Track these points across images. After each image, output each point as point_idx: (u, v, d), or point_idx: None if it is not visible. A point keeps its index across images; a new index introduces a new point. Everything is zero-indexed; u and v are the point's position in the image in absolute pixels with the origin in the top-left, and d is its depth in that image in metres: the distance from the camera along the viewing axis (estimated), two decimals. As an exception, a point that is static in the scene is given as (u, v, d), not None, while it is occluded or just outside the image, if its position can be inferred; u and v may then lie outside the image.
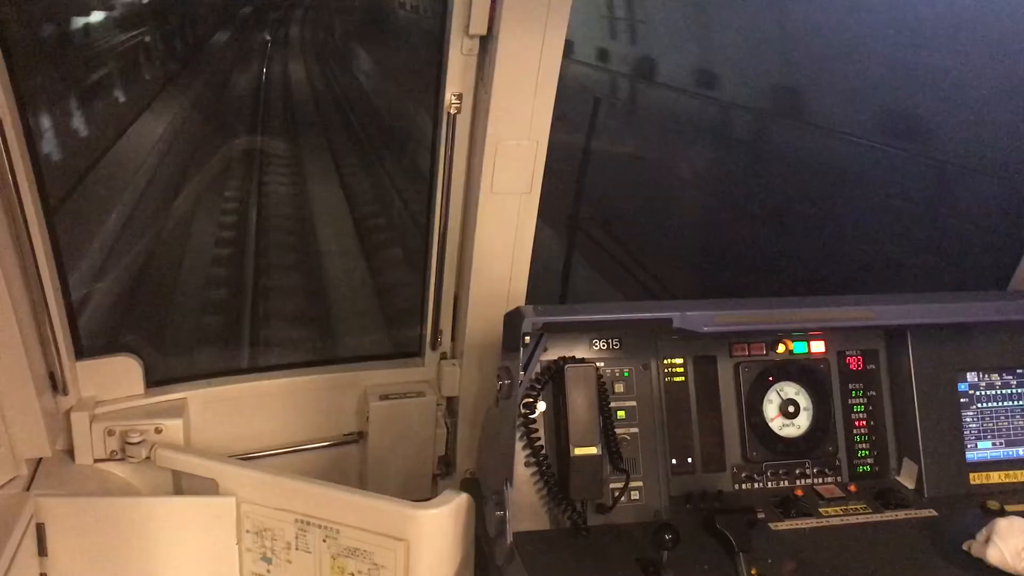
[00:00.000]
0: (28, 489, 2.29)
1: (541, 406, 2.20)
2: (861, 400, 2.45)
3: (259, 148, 6.76)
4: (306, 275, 5.33)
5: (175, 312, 4.20)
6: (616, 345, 2.30)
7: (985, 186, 4.04)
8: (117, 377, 2.51)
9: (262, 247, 5.37)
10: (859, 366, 2.46)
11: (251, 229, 5.55)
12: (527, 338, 2.14)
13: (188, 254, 4.81)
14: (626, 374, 2.30)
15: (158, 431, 2.47)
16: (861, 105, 4.94)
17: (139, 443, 2.43)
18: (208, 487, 2.39)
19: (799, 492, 2.34)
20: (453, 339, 2.79)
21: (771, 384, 2.40)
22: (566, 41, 2.23)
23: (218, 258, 5.17)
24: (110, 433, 2.44)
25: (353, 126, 8.39)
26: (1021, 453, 2.45)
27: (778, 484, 2.37)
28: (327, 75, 10.45)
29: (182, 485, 2.51)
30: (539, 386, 2.18)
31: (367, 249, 5.73)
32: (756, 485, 2.36)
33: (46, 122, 2.53)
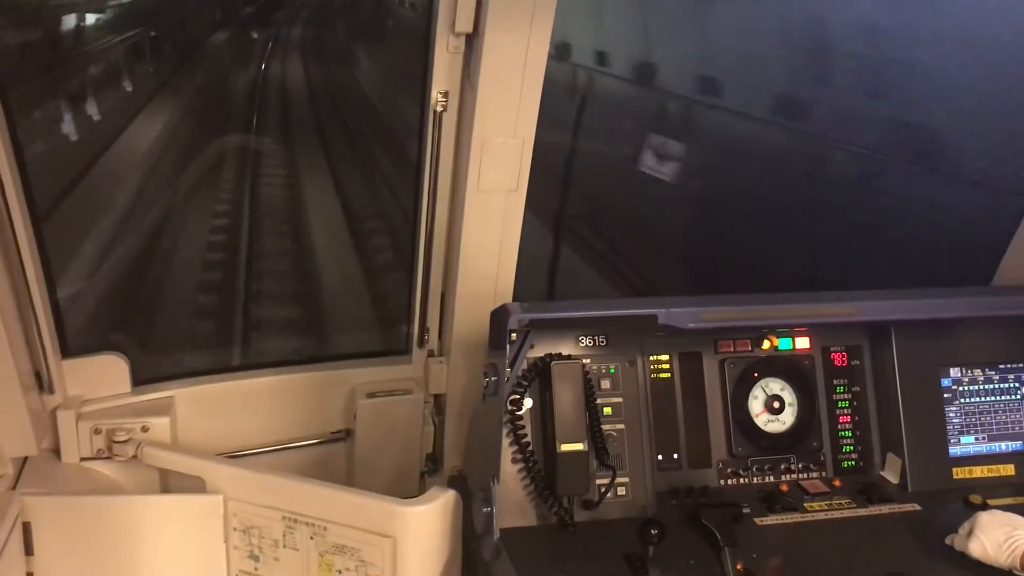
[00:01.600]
0: (14, 488, 2.28)
1: (528, 403, 2.21)
2: (845, 396, 2.47)
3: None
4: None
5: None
6: (602, 342, 2.31)
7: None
8: (103, 375, 2.50)
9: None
10: (843, 362, 2.48)
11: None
12: (513, 335, 2.15)
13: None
14: (612, 370, 2.31)
15: (145, 429, 2.47)
16: None
17: (126, 441, 2.43)
18: (195, 485, 2.39)
19: (784, 487, 2.36)
20: (440, 337, 2.79)
21: (756, 380, 2.41)
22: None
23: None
24: (96, 431, 2.43)
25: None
26: (1004, 448, 2.48)
27: (763, 479, 2.39)
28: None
29: (169, 483, 2.51)
30: (526, 383, 2.19)
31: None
32: (741, 480, 2.38)
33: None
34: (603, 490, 2.21)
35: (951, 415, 2.45)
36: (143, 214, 4.39)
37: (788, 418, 2.42)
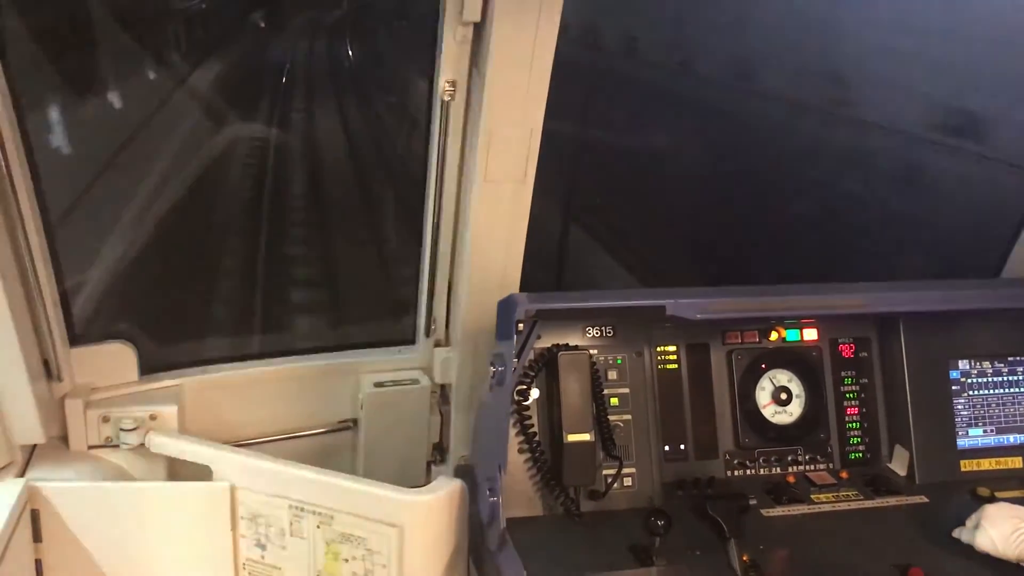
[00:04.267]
0: (22, 475, 2.29)
1: (534, 393, 2.21)
2: (853, 387, 2.46)
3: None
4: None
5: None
6: (609, 332, 2.31)
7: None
8: (111, 364, 2.51)
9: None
10: (851, 353, 2.47)
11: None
12: (520, 325, 2.15)
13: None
14: (619, 361, 2.30)
15: (152, 418, 2.47)
16: None
17: (133, 430, 2.43)
18: (202, 473, 2.39)
19: (791, 479, 2.35)
20: (447, 326, 2.79)
21: (764, 371, 2.40)
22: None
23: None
24: (104, 420, 2.44)
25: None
26: (1012, 440, 2.47)
27: (770, 471, 2.38)
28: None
29: (176, 471, 2.52)
30: (532, 373, 2.19)
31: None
32: (748, 472, 2.37)
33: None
34: (610, 481, 2.21)
35: (959, 407, 2.45)
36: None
37: (795, 410, 2.42)
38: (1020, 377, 2.49)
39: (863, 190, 4.83)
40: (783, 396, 2.40)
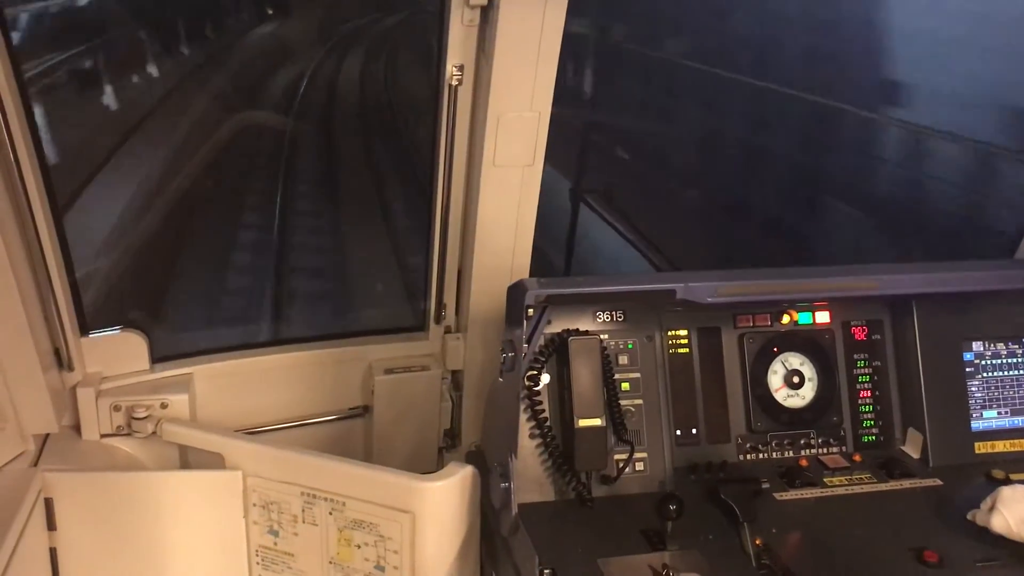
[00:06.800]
0: (36, 464, 2.31)
1: (545, 378, 2.20)
2: (866, 370, 2.45)
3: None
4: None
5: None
6: (620, 317, 2.30)
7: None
8: (122, 353, 2.52)
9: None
10: (864, 336, 2.45)
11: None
12: (530, 311, 2.14)
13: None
14: (630, 346, 2.29)
15: (164, 406, 2.48)
16: None
17: (145, 418, 2.44)
18: (214, 461, 2.40)
19: (804, 462, 2.34)
20: (457, 313, 2.79)
21: (776, 355, 2.39)
22: None
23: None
24: (116, 408, 2.45)
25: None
26: (1026, 422, 2.45)
27: (783, 454, 2.37)
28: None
29: (188, 459, 2.53)
30: (543, 358, 2.18)
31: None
32: (761, 456, 2.36)
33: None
34: (621, 465, 2.21)
35: (973, 389, 2.43)
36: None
37: (808, 393, 2.41)
38: (1034, 358, 2.48)
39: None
40: (795, 379, 2.39)
